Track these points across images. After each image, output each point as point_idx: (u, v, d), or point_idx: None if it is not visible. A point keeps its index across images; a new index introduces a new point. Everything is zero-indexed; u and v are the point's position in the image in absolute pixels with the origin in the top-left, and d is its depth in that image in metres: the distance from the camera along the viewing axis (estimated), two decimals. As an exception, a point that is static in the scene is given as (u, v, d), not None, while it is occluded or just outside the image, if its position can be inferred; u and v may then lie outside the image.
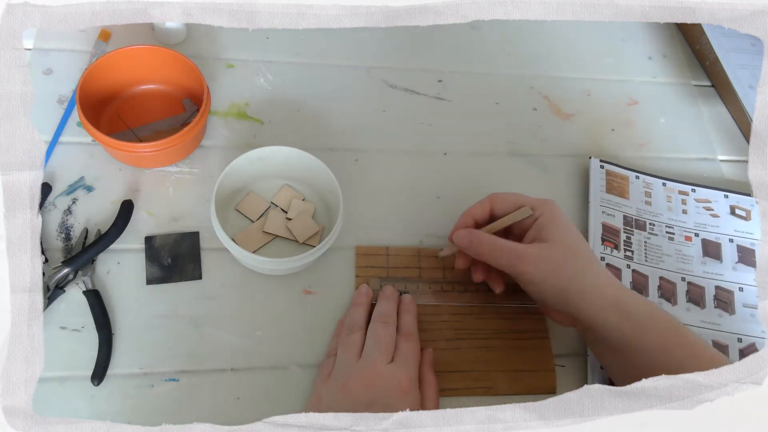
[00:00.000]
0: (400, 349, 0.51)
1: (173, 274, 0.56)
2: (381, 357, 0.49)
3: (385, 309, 0.54)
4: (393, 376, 0.48)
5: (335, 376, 0.50)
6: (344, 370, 0.49)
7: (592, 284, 0.50)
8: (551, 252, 0.51)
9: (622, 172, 0.69)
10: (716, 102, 0.78)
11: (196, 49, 0.69)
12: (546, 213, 0.53)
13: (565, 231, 0.52)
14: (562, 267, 0.50)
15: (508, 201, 0.55)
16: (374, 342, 0.51)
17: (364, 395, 0.47)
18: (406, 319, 0.54)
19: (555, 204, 0.54)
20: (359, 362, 0.49)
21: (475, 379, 0.55)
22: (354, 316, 0.54)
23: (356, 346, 0.51)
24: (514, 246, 0.52)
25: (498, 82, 0.74)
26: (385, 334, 0.51)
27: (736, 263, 0.66)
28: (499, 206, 0.55)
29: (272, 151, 0.58)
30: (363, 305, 0.55)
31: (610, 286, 0.50)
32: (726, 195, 0.70)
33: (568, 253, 0.51)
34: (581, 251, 0.52)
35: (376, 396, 0.47)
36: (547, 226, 0.52)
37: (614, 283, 0.51)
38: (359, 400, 0.47)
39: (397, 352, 0.51)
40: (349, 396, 0.47)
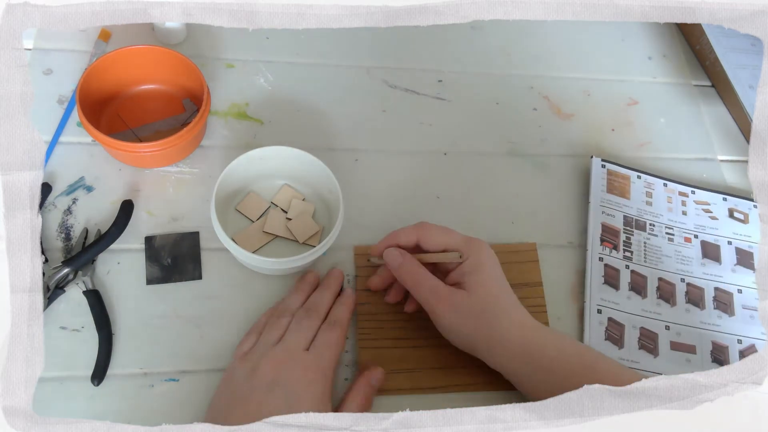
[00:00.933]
0: (318, 338, 0.51)
1: (173, 274, 0.56)
2: (296, 343, 0.50)
3: (316, 299, 0.54)
4: (301, 363, 0.48)
5: (252, 354, 0.50)
6: (261, 351, 0.50)
7: (501, 336, 0.50)
8: (468, 302, 0.51)
9: (624, 171, 0.69)
10: (716, 102, 0.78)
11: (196, 49, 0.69)
12: (472, 258, 0.53)
13: (487, 279, 0.52)
14: (475, 318, 0.51)
15: (434, 236, 0.54)
16: (295, 328, 0.51)
17: (269, 376, 0.47)
18: (338, 310, 0.54)
19: (482, 246, 0.54)
20: (276, 346, 0.50)
21: (476, 375, 0.55)
22: (288, 300, 0.54)
23: (280, 330, 0.51)
24: (437, 285, 0.52)
25: (498, 82, 0.74)
26: (307, 323, 0.51)
27: (735, 265, 0.66)
28: (426, 240, 0.54)
29: (272, 151, 0.58)
30: (302, 292, 0.55)
31: (519, 336, 0.50)
32: (725, 198, 0.70)
33: (483, 306, 0.51)
34: (497, 303, 0.52)
35: (280, 378, 0.47)
36: (470, 273, 0.52)
37: (525, 333, 0.51)
38: (263, 380, 0.47)
39: (315, 341, 0.51)
40: (256, 375, 0.48)
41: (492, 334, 0.51)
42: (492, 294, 0.52)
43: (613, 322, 0.60)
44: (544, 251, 0.63)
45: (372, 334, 0.56)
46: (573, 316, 0.61)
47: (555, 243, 0.65)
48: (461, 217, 0.64)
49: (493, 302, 0.51)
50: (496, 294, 0.52)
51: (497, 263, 0.54)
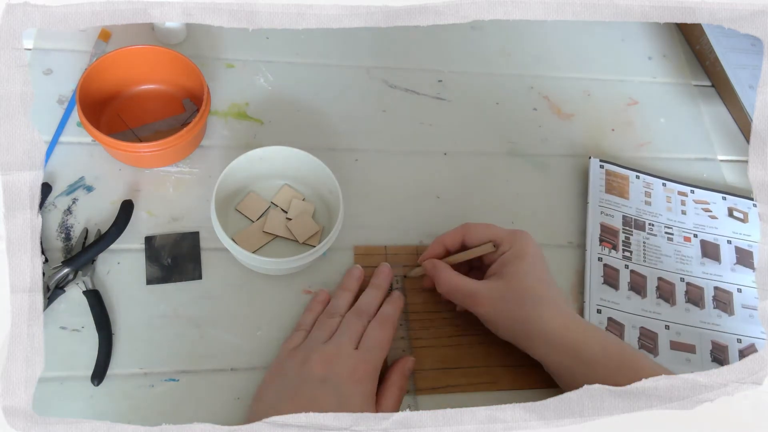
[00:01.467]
0: (368, 335, 0.51)
1: (173, 274, 0.56)
2: (346, 342, 0.50)
3: (365, 300, 0.55)
4: (351, 361, 0.49)
5: (301, 349, 0.51)
6: (310, 346, 0.50)
7: (541, 328, 0.50)
8: (505, 292, 0.51)
9: (623, 171, 0.69)
10: (716, 102, 0.78)
11: (196, 49, 0.68)
12: (514, 247, 0.53)
13: (527, 269, 0.52)
14: (513, 309, 0.51)
15: (479, 232, 0.55)
16: (345, 329, 0.52)
17: (319, 372, 0.48)
18: (387, 309, 0.54)
19: (526, 237, 0.54)
20: (326, 344, 0.50)
21: (477, 374, 0.56)
22: (338, 301, 0.55)
23: (330, 329, 0.52)
24: (467, 286, 0.53)
25: (498, 82, 0.74)
26: (356, 323, 0.52)
27: (734, 265, 0.66)
28: (470, 237, 0.55)
29: (272, 151, 0.58)
30: (351, 290, 0.56)
31: (561, 327, 0.50)
32: (724, 197, 0.70)
33: (522, 294, 0.51)
34: (537, 292, 0.51)
35: (330, 375, 0.48)
36: (510, 262, 0.52)
37: (566, 324, 0.50)
38: (314, 376, 0.48)
39: (363, 339, 0.51)
40: (307, 370, 0.48)
41: (531, 324, 0.50)
42: (530, 283, 0.52)
43: (613, 321, 0.60)
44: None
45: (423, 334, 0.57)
46: (573, 316, 0.61)
47: (555, 243, 0.65)
48: (461, 217, 0.64)
49: (531, 291, 0.51)
50: (534, 284, 0.52)
51: (540, 255, 0.54)
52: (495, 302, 0.51)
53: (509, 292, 0.51)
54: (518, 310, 0.51)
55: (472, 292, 0.52)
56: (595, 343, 0.50)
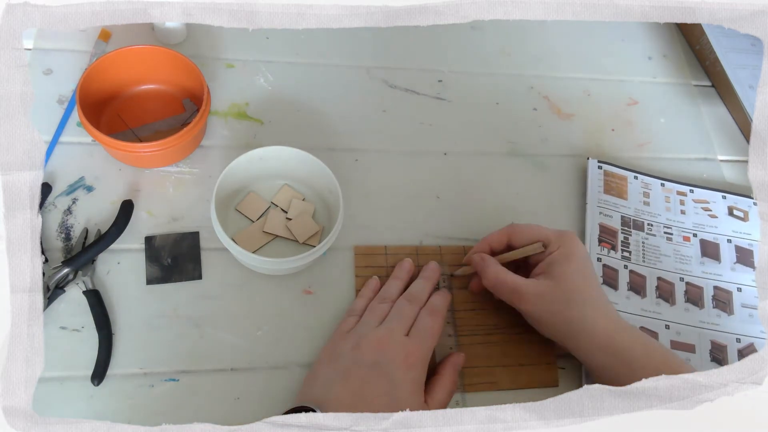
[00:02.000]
0: (419, 322, 0.52)
1: (173, 274, 0.56)
2: (398, 327, 0.51)
3: (416, 288, 0.56)
4: (403, 347, 0.50)
5: (354, 333, 0.52)
6: (363, 330, 0.51)
7: (586, 329, 0.51)
8: (552, 292, 0.52)
9: (621, 172, 0.69)
10: (716, 102, 0.78)
11: (196, 49, 0.68)
12: (562, 247, 0.54)
13: (575, 269, 0.53)
14: (560, 310, 0.51)
15: (525, 233, 0.56)
16: (396, 314, 0.53)
17: (371, 356, 0.49)
18: (436, 299, 0.55)
19: (574, 238, 0.55)
20: (378, 328, 0.51)
21: (477, 374, 0.56)
22: (390, 288, 0.56)
23: (382, 314, 0.53)
24: (515, 283, 0.53)
25: (498, 82, 0.74)
26: (408, 309, 0.53)
27: (734, 264, 0.66)
28: (517, 238, 0.56)
29: (272, 151, 0.58)
30: (401, 279, 0.57)
31: (606, 329, 0.51)
32: (724, 196, 0.70)
33: (569, 295, 0.52)
34: (583, 293, 0.52)
35: (382, 359, 0.49)
36: (558, 262, 0.53)
37: (611, 326, 0.51)
38: (366, 359, 0.49)
39: (415, 325, 0.52)
40: (359, 353, 0.49)
41: (577, 325, 0.51)
42: (578, 284, 0.52)
43: (613, 321, 0.60)
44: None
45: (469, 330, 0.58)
46: (573, 316, 0.61)
47: (555, 243, 0.65)
48: (461, 217, 0.64)
49: (578, 293, 0.52)
50: (581, 285, 0.52)
51: (587, 256, 0.55)
52: (542, 301, 0.52)
53: (557, 292, 0.52)
54: (566, 310, 0.51)
55: (519, 288, 0.53)
56: (639, 345, 0.50)
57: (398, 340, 0.50)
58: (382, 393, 0.47)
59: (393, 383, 0.47)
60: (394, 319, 0.52)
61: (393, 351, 0.49)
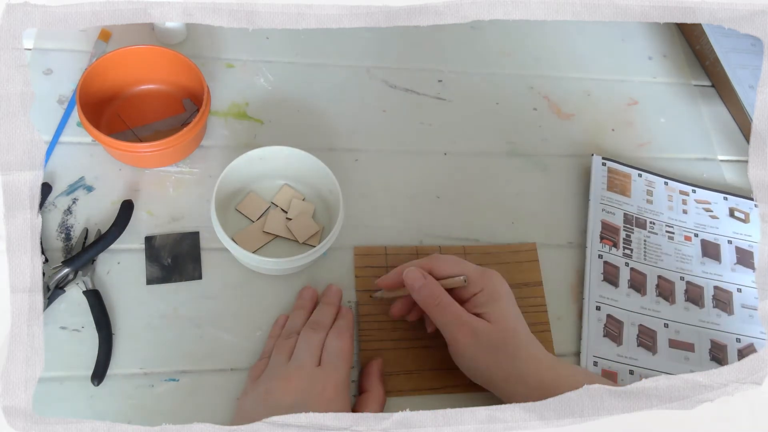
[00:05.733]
0: (328, 348, 0.50)
1: (173, 274, 0.56)
2: (308, 360, 0.49)
3: (319, 315, 0.54)
4: (317, 381, 0.47)
5: (263, 379, 0.49)
6: (271, 373, 0.49)
7: (519, 371, 0.49)
8: (489, 332, 0.50)
9: (625, 169, 0.69)
10: (716, 102, 0.78)
11: (196, 49, 0.68)
12: (486, 289, 0.51)
13: (506, 310, 0.51)
14: (495, 351, 0.49)
15: (448, 265, 0.53)
16: (304, 346, 0.50)
17: (286, 398, 0.46)
18: (340, 321, 0.53)
19: (497, 277, 0.53)
20: (287, 365, 0.49)
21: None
22: (294, 320, 0.54)
23: (289, 349, 0.50)
24: (460, 312, 0.51)
25: (498, 82, 0.74)
26: (314, 337, 0.51)
27: (734, 264, 0.66)
28: (440, 269, 0.53)
29: (272, 151, 0.58)
30: (305, 309, 0.55)
31: (535, 371, 0.49)
32: (725, 197, 0.70)
33: (504, 337, 0.50)
34: (516, 335, 0.50)
35: (298, 400, 0.46)
36: (487, 304, 0.51)
37: (543, 366, 0.50)
38: (282, 403, 0.46)
39: (324, 353, 0.50)
40: (273, 398, 0.47)
41: (511, 369, 0.49)
42: (511, 326, 0.51)
43: (612, 318, 0.60)
44: (545, 251, 0.63)
45: (374, 336, 0.56)
46: (573, 316, 0.61)
47: (555, 243, 0.65)
48: (461, 217, 0.64)
49: (512, 335, 0.50)
50: (514, 327, 0.51)
51: (512, 294, 0.53)
52: (478, 341, 0.50)
53: (494, 335, 0.50)
54: (499, 354, 0.49)
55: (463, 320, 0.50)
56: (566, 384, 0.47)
57: (310, 374, 0.48)
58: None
59: None
60: (301, 352, 0.49)
61: (307, 388, 0.47)
